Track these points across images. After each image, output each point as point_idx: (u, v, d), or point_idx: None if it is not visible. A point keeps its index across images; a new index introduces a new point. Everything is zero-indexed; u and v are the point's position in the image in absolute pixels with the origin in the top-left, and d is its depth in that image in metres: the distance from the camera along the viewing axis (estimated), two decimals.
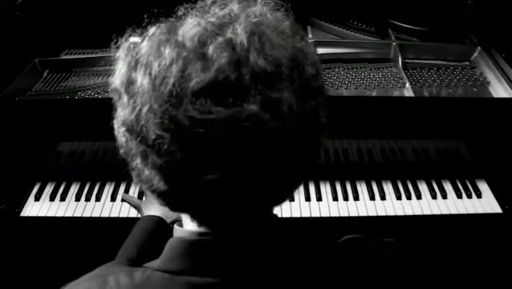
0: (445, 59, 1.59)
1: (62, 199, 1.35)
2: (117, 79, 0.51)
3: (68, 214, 1.32)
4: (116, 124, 0.52)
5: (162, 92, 0.45)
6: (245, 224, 0.55)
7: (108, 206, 1.34)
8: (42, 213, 1.32)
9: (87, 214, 1.32)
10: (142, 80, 0.47)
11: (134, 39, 0.52)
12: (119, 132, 0.52)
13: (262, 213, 0.57)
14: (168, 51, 0.46)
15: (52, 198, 1.35)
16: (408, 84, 1.44)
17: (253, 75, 0.45)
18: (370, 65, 1.56)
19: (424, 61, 1.58)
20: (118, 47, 0.53)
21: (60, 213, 1.32)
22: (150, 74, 0.47)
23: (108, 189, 1.38)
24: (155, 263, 0.57)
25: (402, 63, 1.52)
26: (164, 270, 0.55)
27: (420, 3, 1.63)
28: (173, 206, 0.54)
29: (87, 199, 1.35)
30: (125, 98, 0.50)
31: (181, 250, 0.55)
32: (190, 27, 0.48)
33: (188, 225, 0.57)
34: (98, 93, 1.45)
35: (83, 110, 1.33)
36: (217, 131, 0.44)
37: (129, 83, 0.49)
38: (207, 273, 0.53)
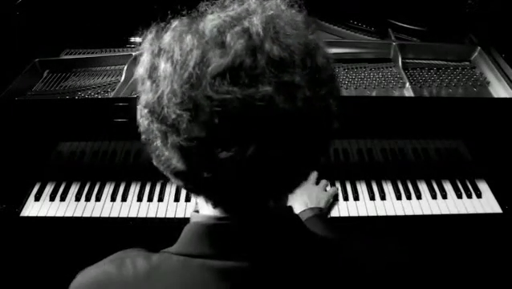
0: (445, 59, 1.59)
1: (62, 199, 1.35)
2: (141, 68, 0.55)
3: (68, 214, 1.31)
4: (139, 107, 0.55)
5: (183, 75, 0.49)
6: (262, 211, 0.58)
7: (108, 206, 1.34)
8: (42, 213, 1.32)
9: (87, 214, 1.32)
10: (165, 65, 0.51)
11: (156, 33, 0.56)
12: (143, 115, 0.55)
13: (277, 202, 0.60)
14: (189, 39, 0.50)
15: (52, 198, 1.35)
16: (408, 84, 1.44)
17: (268, 60, 0.48)
18: (370, 65, 1.56)
19: (424, 61, 1.58)
20: (143, 40, 0.56)
21: (60, 213, 1.32)
22: (172, 58, 0.50)
23: (108, 189, 1.38)
24: (172, 248, 0.59)
25: (402, 63, 1.52)
26: (180, 254, 0.57)
27: (420, 3, 1.63)
28: (190, 187, 0.56)
29: (87, 199, 1.35)
30: (148, 83, 0.53)
31: (197, 234, 0.57)
32: (210, 20, 0.52)
33: (205, 210, 0.59)
34: (98, 93, 1.45)
35: (83, 110, 1.33)
36: (233, 110, 0.47)
37: (152, 68, 0.53)
38: (223, 257, 0.55)
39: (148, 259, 0.58)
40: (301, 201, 1.18)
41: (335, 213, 1.31)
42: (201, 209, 0.61)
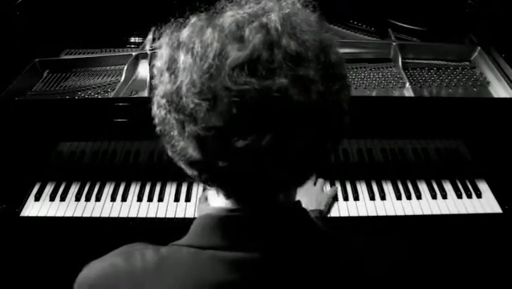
0: (445, 59, 1.59)
1: (62, 199, 1.35)
2: (159, 61, 0.56)
3: (68, 214, 1.31)
4: (156, 98, 0.56)
5: (202, 66, 0.50)
6: (273, 204, 0.59)
7: (108, 206, 1.34)
8: (42, 213, 1.32)
9: (87, 214, 1.32)
10: (185, 57, 0.52)
11: (175, 28, 0.57)
12: (160, 105, 0.55)
13: (287, 195, 0.62)
14: (209, 32, 0.52)
15: (52, 198, 1.35)
16: (408, 84, 1.44)
17: (284, 54, 0.50)
18: (370, 65, 1.56)
19: (424, 61, 1.58)
20: (161, 34, 0.58)
21: (60, 213, 1.32)
22: (192, 50, 0.52)
23: (108, 189, 1.38)
24: (182, 240, 0.59)
25: (402, 63, 1.52)
26: (191, 246, 0.58)
27: (420, 3, 1.63)
28: (205, 176, 0.57)
29: (87, 199, 1.35)
30: (166, 74, 0.54)
31: (209, 226, 0.58)
32: (229, 16, 0.54)
33: (216, 202, 0.61)
34: (98, 93, 1.45)
35: (83, 110, 1.33)
36: (250, 100, 0.49)
37: (171, 61, 0.54)
38: (234, 248, 0.56)
39: (157, 251, 0.59)
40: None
41: (335, 213, 1.31)
42: (211, 201, 0.63)
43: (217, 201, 0.60)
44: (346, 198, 1.35)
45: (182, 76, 0.52)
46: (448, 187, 1.37)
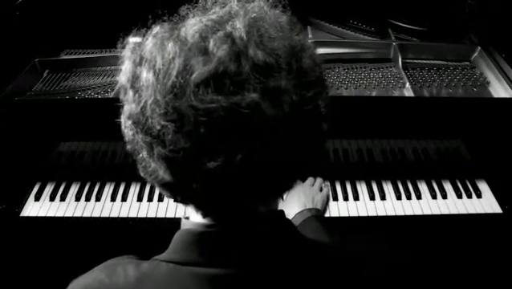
0: (445, 59, 1.59)
1: (62, 199, 1.35)
2: (123, 76, 0.53)
3: (68, 214, 1.32)
4: (123, 118, 0.54)
5: (166, 84, 0.47)
6: (251, 217, 0.57)
7: (108, 206, 1.34)
8: (42, 213, 1.32)
9: (87, 214, 1.32)
10: (147, 74, 0.49)
11: (138, 39, 0.54)
12: (127, 126, 0.53)
13: (267, 207, 0.59)
14: (171, 46, 0.49)
15: (52, 198, 1.35)
16: (408, 84, 1.43)
17: (252, 66, 0.47)
18: (370, 65, 1.56)
19: (424, 61, 1.58)
20: (123, 47, 0.55)
21: (60, 214, 1.32)
22: (154, 68, 0.49)
23: (108, 189, 1.38)
24: (162, 255, 0.58)
25: (402, 63, 1.52)
26: (170, 261, 0.56)
27: (420, 3, 1.63)
28: (178, 198, 0.55)
29: (87, 199, 1.35)
30: (131, 93, 0.51)
31: (187, 242, 0.57)
32: (192, 25, 0.50)
33: (195, 218, 0.59)
34: (98, 93, 1.45)
35: (83, 110, 1.33)
36: (218, 119, 0.46)
37: (134, 78, 0.51)
38: (212, 264, 0.55)
39: (138, 267, 0.57)
40: (299, 202, 1.19)
41: (334, 213, 1.31)
42: (190, 216, 0.61)
43: (196, 216, 0.58)
44: (346, 198, 1.35)
45: (146, 96, 0.49)
46: (448, 187, 1.37)
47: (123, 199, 1.35)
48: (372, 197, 1.35)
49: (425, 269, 1.35)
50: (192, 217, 0.60)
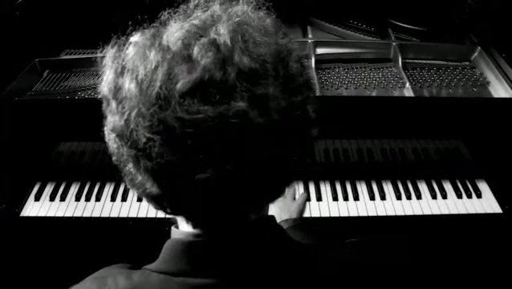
0: (445, 59, 1.59)
1: (62, 199, 1.35)
2: (105, 87, 0.51)
3: (68, 214, 1.31)
4: (107, 130, 0.52)
5: (150, 96, 0.46)
6: (241, 225, 0.56)
7: (108, 206, 1.33)
8: (42, 213, 1.32)
9: (87, 214, 1.32)
10: (129, 85, 0.47)
11: (118, 48, 0.52)
12: (110, 139, 0.52)
13: (258, 213, 0.58)
14: (153, 55, 0.47)
15: (52, 198, 1.35)
16: (408, 84, 1.44)
17: (238, 73, 0.45)
18: (370, 65, 1.56)
19: (424, 61, 1.58)
20: (104, 56, 0.52)
21: (60, 214, 1.32)
22: (137, 78, 0.47)
23: (108, 189, 1.38)
24: (153, 265, 0.57)
25: (402, 63, 1.52)
26: (160, 272, 0.55)
27: (420, 3, 1.63)
28: (167, 209, 0.54)
29: (87, 199, 1.35)
30: (114, 104, 0.50)
31: (177, 252, 0.55)
32: (174, 31, 0.49)
33: (184, 227, 0.57)
34: (98, 93, 1.44)
35: (83, 110, 1.33)
36: (206, 130, 0.45)
37: (117, 89, 0.49)
38: (203, 274, 0.53)
39: (129, 278, 0.56)
40: (274, 214, 1.15)
41: (334, 213, 1.31)
42: (180, 225, 0.60)
43: (185, 225, 0.57)
44: (346, 198, 1.35)
45: (129, 107, 0.47)
46: (448, 187, 1.37)
47: (123, 199, 1.35)
48: (372, 197, 1.35)
49: (425, 269, 1.35)
50: (181, 227, 0.59)
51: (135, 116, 0.47)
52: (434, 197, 1.35)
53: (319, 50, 1.56)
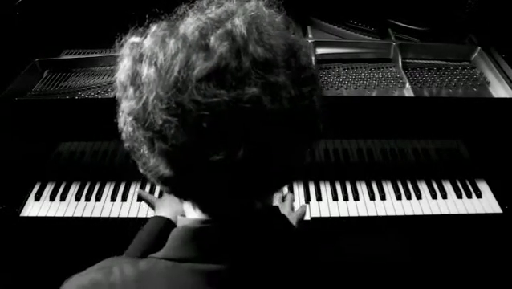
0: (445, 59, 1.59)
1: (62, 199, 1.35)
2: (122, 74, 0.54)
3: (68, 214, 1.32)
4: (122, 116, 0.55)
5: (168, 80, 0.48)
6: (248, 212, 0.58)
7: (108, 206, 1.34)
8: (42, 213, 1.32)
9: (87, 214, 1.32)
10: (148, 71, 0.50)
11: (136, 38, 0.55)
12: (127, 122, 0.54)
13: (264, 202, 0.60)
14: (172, 43, 0.50)
15: (52, 198, 1.35)
16: (408, 84, 1.44)
17: (253, 61, 0.48)
18: (370, 65, 1.56)
19: (424, 61, 1.58)
20: (122, 46, 0.55)
21: (60, 214, 1.32)
22: (156, 64, 0.50)
23: (108, 189, 1.38)
24: (159, 253, 0.58)
25: (402, 63, 1.52)
26: (168, 259, 0.56)
27: (420, 3, 1.63)
28: (178, 192, 0.56)
29: (87, 199, 1.35)
30: (131, 90, 0.52)
31: (185, 238, 0.57)
32: (191, 22, 0.51)
33: (191, 214, 0.59)
34: (98, 93, 1.45)
35: (83, 110, 1.33)
36: (220, 113, 0.47)
37: (135, 75, 0.52)
38: (211, 259, 0.55)
39: (135, 266, 0.57)
40: None
41: (335, 213, 1.31)
42: (187, 212, 0.61)
43: (193, 212, 0.59)
44: (346, 198, 1.35)
45: (147, 92, 0.49)
46: (448, 187, 1.37)
47: (123, 199, 1.35)
48: (372, 197, 1.35)
49: (425, 269, 1.35)
50: (188, 214, 0.61)
51: (153, 99, 0.49)
52: (434, 197, 1.35)
53: (319, 50, 1.56)
